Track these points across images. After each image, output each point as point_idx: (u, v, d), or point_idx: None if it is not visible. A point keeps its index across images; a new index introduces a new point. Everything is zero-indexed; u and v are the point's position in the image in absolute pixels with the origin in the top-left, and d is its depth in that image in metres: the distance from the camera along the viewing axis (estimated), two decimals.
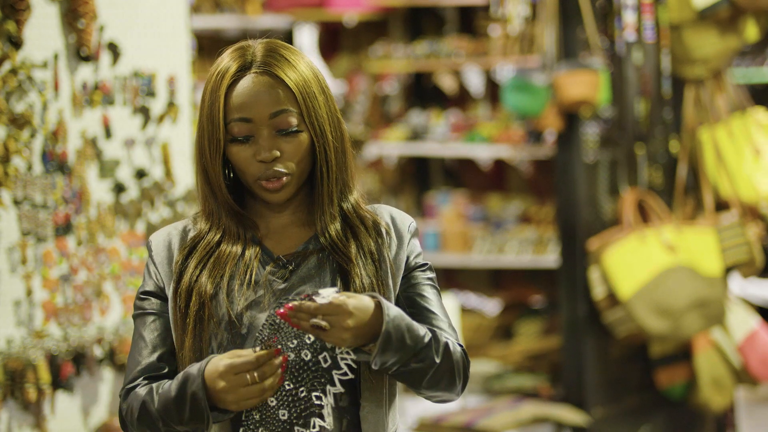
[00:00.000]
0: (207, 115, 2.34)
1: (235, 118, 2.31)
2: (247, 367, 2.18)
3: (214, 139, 2.33)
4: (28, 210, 3.80)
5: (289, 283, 2.35)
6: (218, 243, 2.38)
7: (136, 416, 2.31)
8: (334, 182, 2.37)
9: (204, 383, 2.21)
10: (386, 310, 2.22)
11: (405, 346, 2.24)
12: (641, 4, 5.75)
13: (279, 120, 2.32)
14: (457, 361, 2.33)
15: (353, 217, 2.40)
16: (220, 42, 7.01)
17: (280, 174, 2.31)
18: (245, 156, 2.32)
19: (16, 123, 3.72)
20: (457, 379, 2.34)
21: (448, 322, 2.40)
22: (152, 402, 2.29)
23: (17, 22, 3.70)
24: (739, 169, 5.86)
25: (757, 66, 7.51)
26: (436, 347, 2.29)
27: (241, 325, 2.32)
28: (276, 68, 2.33)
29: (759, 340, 5.85)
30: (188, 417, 2.24)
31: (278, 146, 2.31)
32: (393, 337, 2.22)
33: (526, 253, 6.47)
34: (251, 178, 2.33)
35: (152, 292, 2.40)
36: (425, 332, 2.28)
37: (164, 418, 2.28)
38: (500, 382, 6.36)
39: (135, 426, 2.33)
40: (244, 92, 2.32)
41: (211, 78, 2.35)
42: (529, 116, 6.11)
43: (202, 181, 2.39)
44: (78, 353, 3.90)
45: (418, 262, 2.42)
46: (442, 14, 7.62)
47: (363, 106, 7.61)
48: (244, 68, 2.33)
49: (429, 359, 2.28)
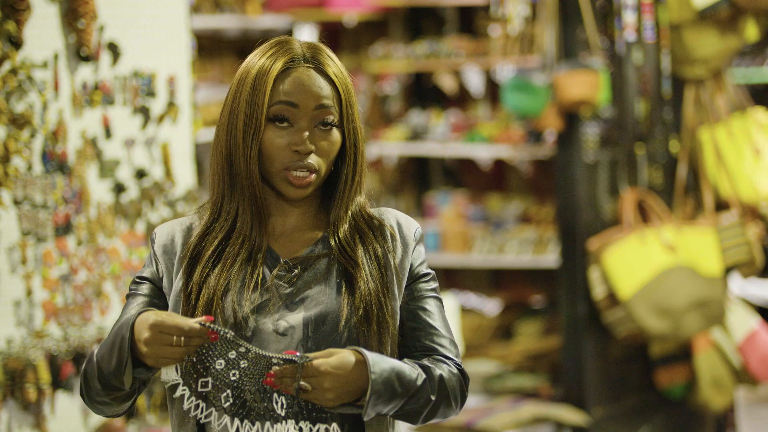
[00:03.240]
0: (247, 98, 2.34)
1: (282, 100, 2.33)
2: (174, 332, 2.17)
3: (252, 121, 2.33)
4: (28, 210, 3.80)
5: (295, 287, 2.35)
6: (226, 239, 2.37)
7: (84, 372, 2.32)
8: (357, 186, 2.40)
9: (132, 327, 2.22)
10: (371, 366, 2.23)
11: (396, 395, 2.26)
12: (641, 4, 5.75)
13: (322, 113, 2.34)
14: (452, 388, 2.35)
15: (360, 221, 2.41)
16: (220, 42, 7.01)
17: (310, 169, 2.33)
18: (280, 143, 2.33)
19: (16, 123, 3.72)
20: (455, 404, 2.36)
21: (450, 338, 2.40)
22: (94, 353, 2.30)
23: (17, 22, 3.70)
24: (739, 169, 5.86)
25: (757, 66, 7.51)
26: (431, 386, 2.30)
27: (246, 328, 2.32)
28: (326, 66, 2.37)
29: (759, 340, 5.85)
30: (115, 363, 2.24)
31: (314, 141, 2.33)
32: (383, 392, 2.23)
33: (526, 253, 6.46)
34: (279, 166, 2.34)
35: (148, 278, 2.41)
36: (417, 374, 2.29)
37: (99, 366, 2.27)
38: (500, 382, 6.36)
39: (82, 385, 2.34)
40: (296, 80, 2.35)
41: (253, 66, 2.36)
42: (529, 116, 6.10)
43: (220, 167, 2.38)
44: (78, 353, 3.90)
45: (421, 272, 2.43)
46: (442, 14, 7.61)
47: (363, 106, 7.61)
48: (295, 60, 2.36)
49: (424, 399, 2.30)
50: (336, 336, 2.32)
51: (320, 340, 2.32)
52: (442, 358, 2.37)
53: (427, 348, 2.38)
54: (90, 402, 2.36)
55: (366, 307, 2.32)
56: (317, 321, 2.33)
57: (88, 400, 2.35)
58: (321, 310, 2.33)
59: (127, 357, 2.22)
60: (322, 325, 2.33)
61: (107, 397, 2.31)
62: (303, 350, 2.31)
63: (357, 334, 2.32)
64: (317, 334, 2.32)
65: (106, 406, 2.35)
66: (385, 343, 2.34)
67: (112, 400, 2.32)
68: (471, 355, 6.52)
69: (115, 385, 2.27)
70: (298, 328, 2.32)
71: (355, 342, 2.32)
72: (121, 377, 2.24)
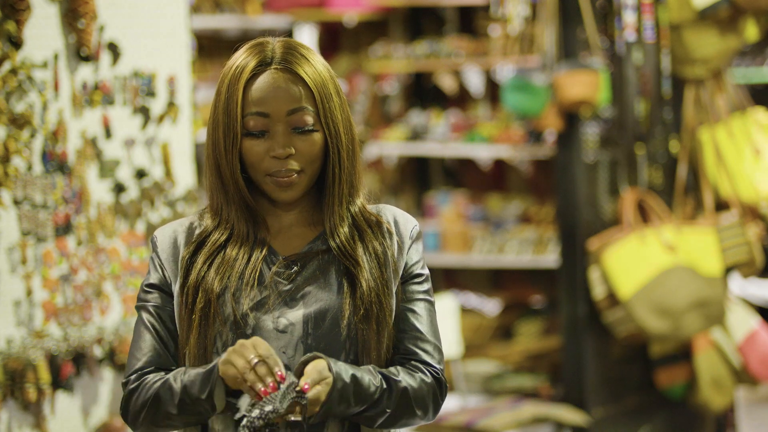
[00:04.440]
0: (223, 108, 2.33)
1: (252, 112, 2.31)
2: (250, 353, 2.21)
3: (230, 132, 2.32)
4: (28, 210, 3.80)
5: (294, 284, 2.36)
6: (225, 241, 2.38)
7: (149, 396, 2.30)
8: (345, 184, 2.37)
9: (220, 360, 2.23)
10: (335, 374, 2.24)
11: (349, 406, 2.26)
12: (641, 4, 5.75)
13: (296, 117, 2.32)
14: (420, 398, 2.34)
15: (360, 220, 2.40)
16: (220, 42, 7.01)
17: (292, 171, 2.31)
18: (258, 151, 2.32)
19: (16, 123, 3.72)
20: (421, 413, 2.36)
21: (434, 343, 2.39)
22: (177, 379, 2.28)
23: (17, 22, 3.70)
24: (739, 169, 5.86)
25: (757, 66, 7.51)
26: (388, 397, 2.30)
27: (246, 326, 2.32)
28: (296, 66, 2.33)
29: (759, 340, 5.85)
30: (199, 388, 2.24)
31: (293, 144, 2.32)
32: (336, 404, 2.24)
33: (526, 253, 6.46)
34: (262, 174, 2.33)
35: (156, 285, 2.40)
36: (376, 388, 2.29)
37: (183, 393, 2.26)
38: (500, 382, 6.36)
39: (145, 408, 2.31)
40: (263, 87, 2.32)
41: (228, 72, 2.34)
42: (529, 116, 6.10)
43: (212, 176, 2.38)
44: (78, 353, 3.90)
45: (414, 272, 2.42)
46: (442, 14, 7.61)
47: (363, 106, 7.61)
48: (264, 63, 2.34)
49: (378, 409, 2.30)
50: (336, 333, 2.33)
51: (320, 338, 2.32)
52: (419, 365, 2.37)
53: (408, 351, 2.38)
54: (145, 426, 2.34)
55: (367, 306, 2.33)
56: (317, 318, 2.33)
57: (149, 422, 2.33)
58: (321, 307, 2.34)
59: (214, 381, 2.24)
60: (322, 322, 2.33)
61: (179, 418, 2.31)
62: (303, 347, 2.32)
63: (356, 331, 2.33)
64: (317, 332, 2.33)
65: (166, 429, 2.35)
66: (383, 340, 2.34)
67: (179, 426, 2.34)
68: (471, 355, 6.53)
69: (198, 411, 2.28)
70: (298, 325, 2.33)
71: (354, 339, 2.33)
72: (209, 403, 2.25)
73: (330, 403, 2.23)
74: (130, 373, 2.35)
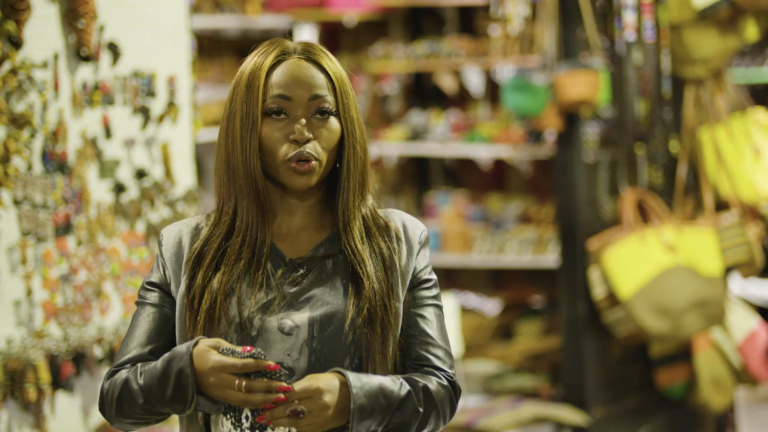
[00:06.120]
0: (242, 98, 2.35)
1: (275, 94, 2.34)
2: (232, 370, 2.19)
3: (249, 118, 2.33)
4: (28, 210, 3.80)
5: (300, 287, 2.35)
6: (232, 243, 2.37)
7: (116, 394, 2.31)
8: (358, 181, 2.38)
9: (192, 361, 2.21)
10: (352, 381, 2.23)
11: (381, 407, 2.25)
12: (641, 4, 5.75)
13: (317, 103, 2.34)
14: (441, 400, 2.34)
15: (369, 221, 2.41)
16: (220, 42, 7.01)
17: (311, 156, 2.32)
18: (278, 136, 2.33)
19: (16, 123, 3.72)
20: (443, 416, 2.36)
21: (445, 349, 2.40)
22: (135, 379, 2.29)
23: (17, 22, 3.70)
24: (739, 169, 5.86)
25: (757, 66, 7.51)
26: (416, 397, 2.30)
27: (251, 328, 2.32)
28: (319, 57, 2.38)
29: (759, 340, 5.85)
30: (171, 394, 2.24)
31: (312, 130, 2.33)
32: (367, 405, 2.23)
33: (526, 253, 6.46)
34: (280, 158, 2.33)
35: (157, 284, 2.40)
36: (400, 384, 2.29)
37: (146, 395, 2.27)
38: (500, 382, 6.36)
39: (113, 405, 2.32)
40: (287, 72, 2.35)
41: (247, 66, 2.37)
42: (529, 116, 6.11)
43: (222, 171, 2.38)
44: (78, 353, 3.90)
45: (422, 277, 2.42)
46: (442, 14, 7.61)
47: (363, 106, 7.61)
48: (287, 53, 2.38)
49: (411, 409, 2.29)
50: (341, 337, 2.32)
51: (325, 341, 2.32)
52: (432, 370, 2.37)
53: (420, 357, 2.38)
54: (118, 421, 2.35)
55: (370, 309, 2.32)
56: (323, 321, 2.33)
57: (121, 417, 2.34)
58: (327, 311, 2.33)
59: (193, 391, 2.22)
60: (328, 325, 2.32)
61: (146, 416, 2.32)
62: (308, 350, 2.31)
63: (361, 335, 2.32)
64: (323, 335, 2.32)
65: (137, 425, 2.35)
66: (388, 345, 2.33)
67: (151, 421, 2.34)
68: (471, 355, 6.52)
69: (165, 412, 2.29)
70: (304, 328, 2.32)
71: (359, 343, 2.32)
72: (183, 408, 2.24)
73: (360, 406, 2.22)
74: (110, 368, 2.37)
